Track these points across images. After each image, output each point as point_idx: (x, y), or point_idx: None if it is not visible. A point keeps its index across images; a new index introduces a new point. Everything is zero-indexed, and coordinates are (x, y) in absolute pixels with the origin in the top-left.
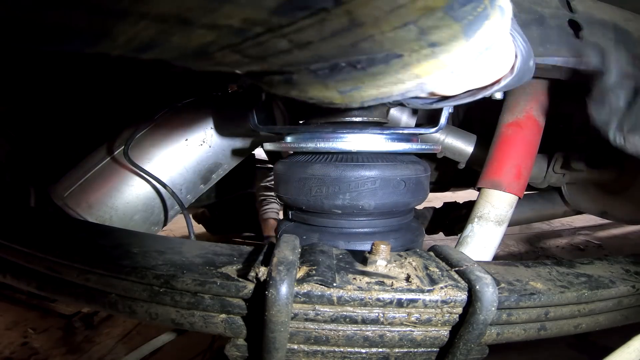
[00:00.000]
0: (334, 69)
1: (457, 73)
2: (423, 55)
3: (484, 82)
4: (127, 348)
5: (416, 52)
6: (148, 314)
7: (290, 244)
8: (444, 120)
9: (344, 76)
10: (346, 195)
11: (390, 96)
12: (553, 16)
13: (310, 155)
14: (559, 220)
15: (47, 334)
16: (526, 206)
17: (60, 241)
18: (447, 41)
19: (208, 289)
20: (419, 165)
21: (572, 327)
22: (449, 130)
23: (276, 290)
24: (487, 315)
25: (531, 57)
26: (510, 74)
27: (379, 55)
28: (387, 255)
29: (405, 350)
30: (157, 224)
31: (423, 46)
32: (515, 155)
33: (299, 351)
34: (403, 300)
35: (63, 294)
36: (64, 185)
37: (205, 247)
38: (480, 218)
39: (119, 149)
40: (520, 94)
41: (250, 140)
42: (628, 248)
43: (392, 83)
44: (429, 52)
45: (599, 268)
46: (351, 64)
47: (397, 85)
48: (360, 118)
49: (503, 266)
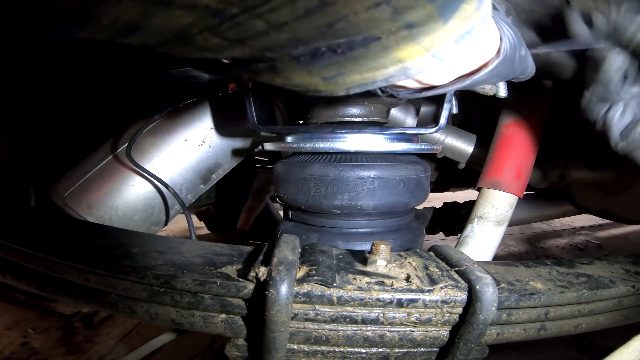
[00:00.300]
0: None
1: (439, 58)
2: (401, 37)
3: (470, 67)
4: (127, 348)
5: (394, 34)
6: (148, 314)
7: (290, 244)
8: (444, 120)
9: (326, 61)
10: (345, 195)
11: (374, 81)
12: None
13: (309, 155)
14: (559, 220)
15: (47, 334)
16: (526, 206)
17: (60, 241)
18: (423, 22)
19: (208, 289)
20: (418, 166)
21: (572, 327)
22: (449, 130)
23: (276, 290)
24: (487, 315)
25: (522, 46)
26: (497, 57)
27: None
28: (387, 255)
29: (405, 350)
30: (157, 224)
31: (399, 27)
32: (515, 155)
33: (299, 351)
34: (403, 300)
35: (63, 294)
36: (64, 185)
37: (205, 247)
38: (480, 218)
39: (119, 149)
40: (521, 94)
41: (250, 140)
42: (628, 248)
43: (375, 68)
44: (406, 33)
45: (599, 268)
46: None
47: (380, 70)
48: (360, 118)
49: (503, 266)
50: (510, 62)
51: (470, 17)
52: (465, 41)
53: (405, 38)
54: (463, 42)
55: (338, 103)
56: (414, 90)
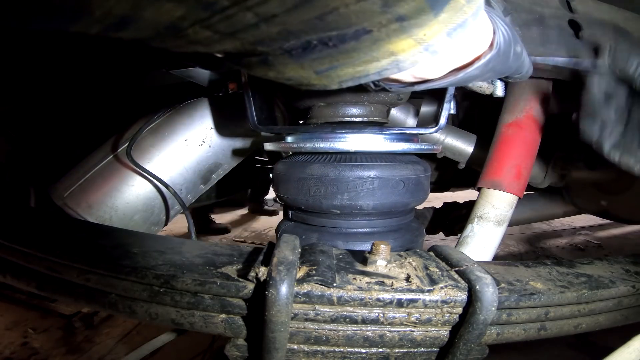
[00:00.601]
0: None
1: (431, 51)
2: (392, 30)
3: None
4: (127, 348)
5: (385, 27)
6: (148, 314)
7: (290, 244)
8: (444, 120)
9: (317, 55)
10: (344, 195)
11: (367, 75)
12: (553, 16)
13: (309, 155)
14: (559, 220)
15: (47, 334)
16: (526, 206)
17: (60, 241)
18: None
19: (208, 289)
20: (418, 166)
21: (572, 327)
22: (449, 130)
23: (276, 290)
24: (487, 315)
25: (518, 43)
26: (490, 50)
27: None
28: (387, 255)
29: (405, 350)
30: (157, 224)
31: (390, 20)
32: (515, 155)
33: (299, 351)
34: (403, 300)
35: (63, 294)
36: (64, 185)
37: (205, 247)
38: (480, 218)
39: (119, 149)
40: (520, 94)
41: (250, 140)
42: (628, 248)
43: (367, 61)
44: (397, 26)
45: (599, 268)
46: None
47: (373, 64)
48: (360, 118)
49: (503, 266)
50: (504, 57)
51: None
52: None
53: (396, 31)
54: (455, 35)
55: (338, 103)
56: (407, 84)
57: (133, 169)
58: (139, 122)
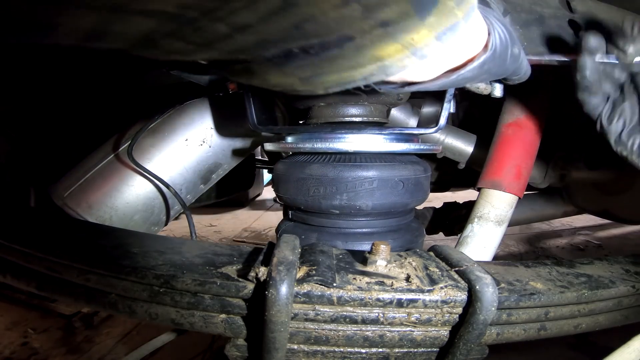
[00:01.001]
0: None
1: (420, 55)
2: (376, 36)
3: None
4: (127, 348)
5: (368, 33)
6: (148, 314)
7: (290, 244)
8: (444, 120)
9: (300, 63)
10: (343, 195)
11: (353, 81)
12: (553, 16)
13: (309, 156)
14: (559, 220)
15: (47, 334)
16: (526, 206)
17: (60, 241)
18: (397, 20)
19: (208, 289)
20: (418, 166)
21: (572, 327)
22: (449, 130)
23: (276, 290)
24: (487, 315)
25: (515, 44)
26: (484, 52)
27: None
28: (387, 255)
29: (405, 350)
30: (157, 224)
31: (373, 26)
32: (515, 155)
33: (299, 351)
34: (403, 300)
35: (63, 294)
36: (64, 185)
37: (205, 247)
38: (480, 218)
39: (119, 149)
40: (520, 94)
41: (250, 140)
42: (628, 248)
43: (352, 68)
44: (381, 32)
45: (599, 268)
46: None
47: (358, 70)
48: (360, 118)
49: (503, 266)
50: (501, 59)
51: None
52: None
53: (381, 37)
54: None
55: (338, 103)
56: (398, 85)
57: (133, 169)
58: (139, 122)
